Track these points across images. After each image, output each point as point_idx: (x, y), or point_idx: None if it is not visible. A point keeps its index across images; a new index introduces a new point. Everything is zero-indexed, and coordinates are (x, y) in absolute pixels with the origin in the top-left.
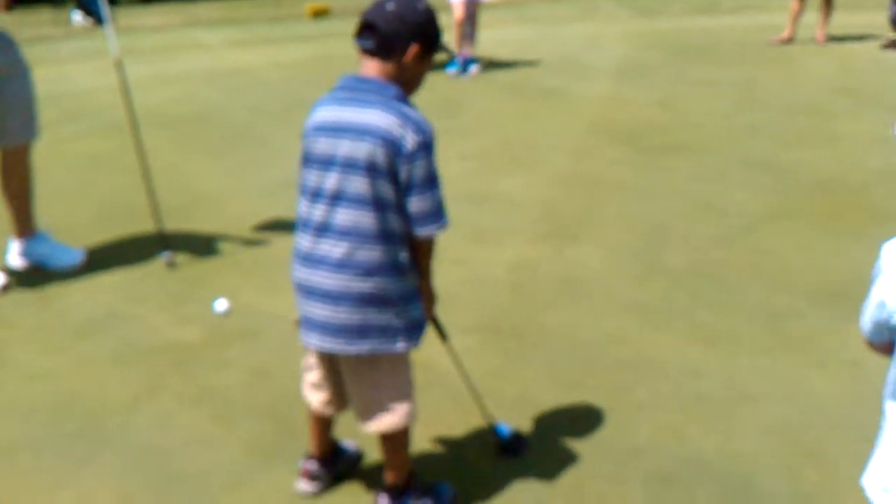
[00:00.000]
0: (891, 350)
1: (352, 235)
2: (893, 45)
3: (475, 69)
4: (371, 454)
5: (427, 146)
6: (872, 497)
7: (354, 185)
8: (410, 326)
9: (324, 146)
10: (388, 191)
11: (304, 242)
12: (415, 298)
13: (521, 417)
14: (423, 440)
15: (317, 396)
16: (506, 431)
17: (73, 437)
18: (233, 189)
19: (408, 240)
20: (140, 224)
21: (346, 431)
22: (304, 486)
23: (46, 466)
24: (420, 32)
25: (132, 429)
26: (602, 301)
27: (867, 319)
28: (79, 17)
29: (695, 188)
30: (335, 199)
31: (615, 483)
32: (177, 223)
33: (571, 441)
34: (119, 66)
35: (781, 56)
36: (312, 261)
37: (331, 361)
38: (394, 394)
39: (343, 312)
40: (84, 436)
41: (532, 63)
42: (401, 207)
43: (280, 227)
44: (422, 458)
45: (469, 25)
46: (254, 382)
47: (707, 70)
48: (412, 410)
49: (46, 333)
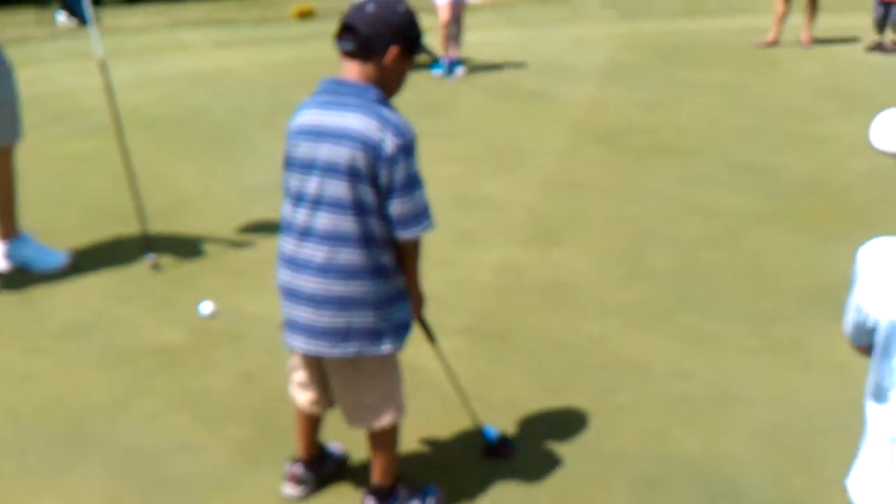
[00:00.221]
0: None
1: (333, 239)
2: (878, 48)
3: (461, 71)
4: (357, 456)
5: (407, 149)
6: (855, 499)
7: (335, 189)
8: (396, 328)
9: (304, 150)
10: (369, 194)
11: (288, 246)
12: (400, 300)
13: (507, 420)
14: (411, 442)
15: (304, 396)
16: (493, 434)
17: (58, 440)
18: (217, 191)
19: (391, 243)
20: (124, 226)
21: (333, 433)
22: (290, 490)
23: (31, 469)
24: (400, 34)
25: (117, 432)
26: (587, 304)
27: (848, 323)
28: (63, 18)
29: (681, 191)
30: (316, 203)
31: (601, 486)
32: (161, 225)
33: (557, 444)
34: (103, 67)
35: (767, 58)
36: (296, 264)
37: (316, 363)
38: (380, 395)
39: (326, 315)
40: (69, 439)
41: (518, 65)
42: (382, 211)
43: (265, 229)
44: (409, 460)
45: (454, 27)
46: (239, 385)
47: (693, 72)
48: (399, 410)
49: (30, 336)
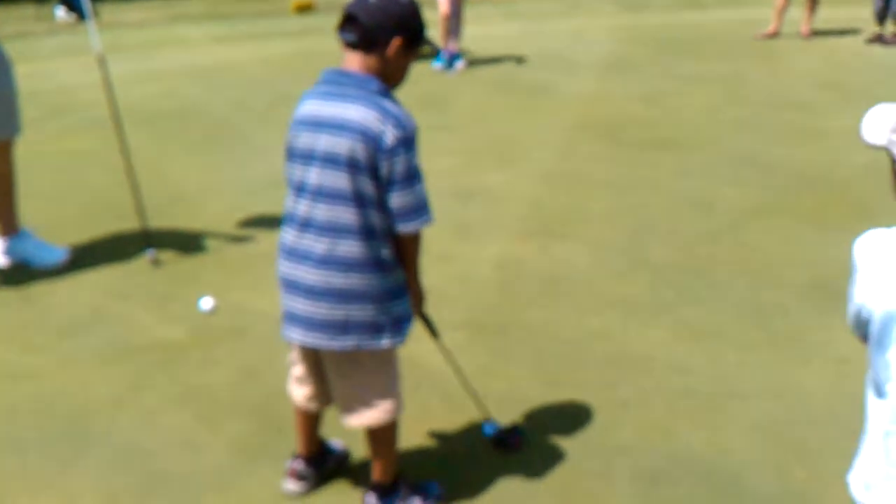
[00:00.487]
0: None
1: (333, 231)
2: (878, 40)
3: (461, 65)
4: (358, 453)
5: (408, 141)
6: (856, 494)
7: (335, 181)
8: (395, 322)
9: (305, 141)
10: (369, 186)
11: (289, 237)
12: (400, 294)
13: (509, 415)
14: (411, 438)
15: (301, 391)
16: (491, 430)
17: (58, 437)
18: (217, 186)
19: (391, 236)
20: (124, 221)
21: (333, 430)
22: (291, 486)
23: (30, 467)
24: (403, 26)
25: (117, 429)
26: (588, 297)
27: (849, 315)
28: (62, 13)
29: (681, 184)
30: (317, 194)
31: (603, 481)
32: (161, 220)
33: (559, 439)
34: (102, 63)
35: (767, 50)
36: (296, 255)
37: (315, 356)
38: (378, 390)
39: (325, 308)
40: (68, 436)
41: (518, 59)
42: (382, 203)
43: (264, 224)
44: (410, 456)
45: (454, 20)
46: (240, 381)
47: (693, 65)
48: (397, 406)
49: (30, 332)
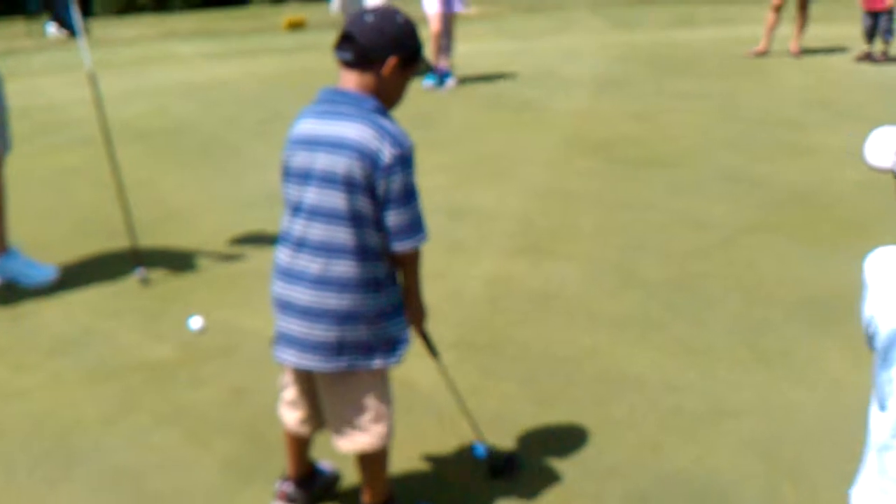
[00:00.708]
0: None
1: (327, 251)
2: (867, 58)
3: (452, 82)
4: (349, 475)
5: (405, 160)
6: None
7: (331, 200)
8: (388, 343)
9: (301, 160)
10: (366, 205)
11: (284, 257)
12: (394, 315)
13: (500, 434)
14: (403, 460)
15: (292, 415)
16: (482, 451)
17: (46, 457)
18: (207, 203)
19: (386, 255)
20: (114, 240)
21: (324, 452)
22: None
23: (18, 486)
24: (399, 45)
25: (106, 448)
26: (578, 315)
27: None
28: (53, 29)
29: (672, 201)
30: (313, 214)
31: (595, 501)
32: (151, 238)
33: (550, 459)
34: (92, 79)
35: (757, 68)
36: (291, 276)
37: (307, 379)
38: (370, 413)
39: (320, 329)
40: (57, 455)
41: (509, 76)
42: (378, 222)
43: (255, 242)
44: (402, 479)
45: (445, 38)
46: (230, 401)
47: (684, 83)
48: (388, 430)
49: (18, 351)
